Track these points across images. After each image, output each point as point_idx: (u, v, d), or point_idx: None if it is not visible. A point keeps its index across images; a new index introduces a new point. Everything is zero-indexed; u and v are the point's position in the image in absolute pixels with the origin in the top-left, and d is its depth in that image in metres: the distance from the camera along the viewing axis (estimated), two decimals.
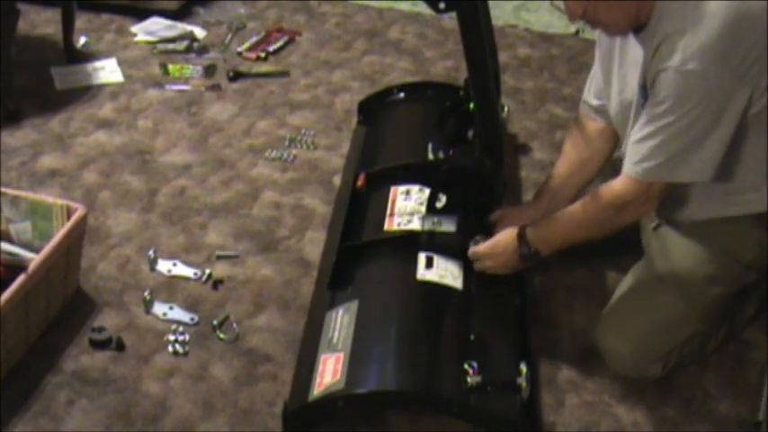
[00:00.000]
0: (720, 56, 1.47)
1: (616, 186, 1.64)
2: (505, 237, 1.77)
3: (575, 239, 1.76)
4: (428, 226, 1.88)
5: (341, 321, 1.68)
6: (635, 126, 1.61)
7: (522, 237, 1.74)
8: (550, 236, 1.75)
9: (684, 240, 1.76)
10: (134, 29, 3.09)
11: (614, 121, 1.81)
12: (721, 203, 1.69)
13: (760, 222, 1.70)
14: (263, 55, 2.98)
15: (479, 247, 1.80)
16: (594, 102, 1.87)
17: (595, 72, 1.85)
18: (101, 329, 1.83)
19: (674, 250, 1.77)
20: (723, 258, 1.72)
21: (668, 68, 1.50)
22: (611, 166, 2.01)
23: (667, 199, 1.69)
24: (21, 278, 1.66)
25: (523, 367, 1.61)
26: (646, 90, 1.59)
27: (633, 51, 1.64)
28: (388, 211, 1.94)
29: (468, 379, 1.56)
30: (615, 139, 1.89)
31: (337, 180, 2.34)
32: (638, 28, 1.58)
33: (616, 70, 1.72)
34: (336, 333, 1.66)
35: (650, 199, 1.63)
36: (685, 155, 1.55)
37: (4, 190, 1.87)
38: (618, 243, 2.04)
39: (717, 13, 1.48)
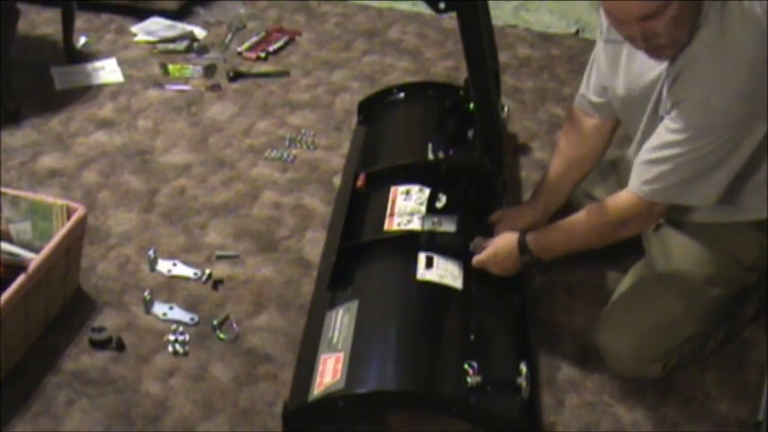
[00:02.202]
0: (746, 93, 1.45)
1: (620, 202, 1.64)
2: (506, 244, 1.77)
3: (574, 249, 1.77)
4: (428, 226, 1.88)
5: (341, 321, 1.68)
6: (645, 143, 1.60)
7: (522, 245, 1.75)
8: (551, 245, 1.75)
9: (685, 241, 1.76)
10: (134, 29, 3.09)
11: (619, 115, 1.79)
12: (723, 212, 1.68)
13: (760, 225, 1.70)
14: (263, 55, 2.99)
15: (482, 256, 1.80)
16: (594, 98, 1.84)
17: (597, 68, 1.80)
18: (101, 329, 1.83)
19: (674, 251, 1.77)
20: (724, 260, 1.72)
21: (691, 100, 1.48)
22: (611, 165, 2.01)
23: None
24: (21, 278, 1.66)
25: (523, 367, 1.61)
26: (659, 104, 1.58)
27: (642, 54, 1.62)
28: (388, 211, 1.94)
29: (468, 379, 1.56)
30: (611, 136, 1.88)
31: (337, 180, 2.34)
32: None
33: (623, 69, 1.69)
34: (336, 333, 1.66)
35: (652, 216, 1.64)
36: (695, 181, 1.55)
37: (4, 190, 1.87)
38: (618, 243, 2.04)
39: (746, 49, 1.44)
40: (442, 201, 1.92)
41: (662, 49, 1.49)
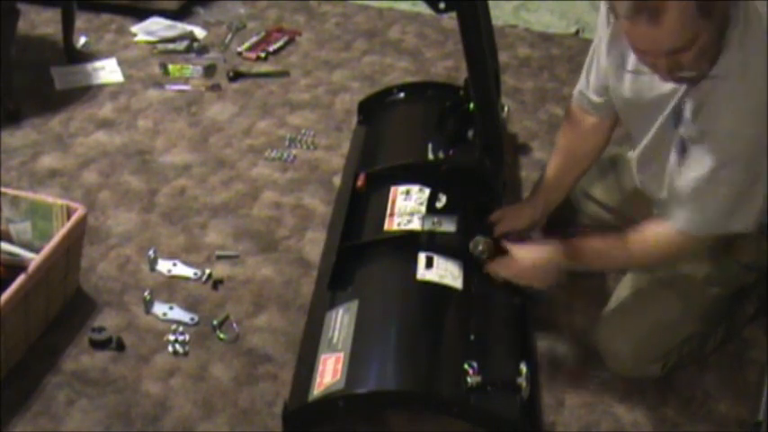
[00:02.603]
0: None
1: (664, 239, 1.59)
2: (545, 255, 1.71)
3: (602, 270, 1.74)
4: (428, 226, 1.88)
5: (341, 321, 1.68)
6: (679, 179, 1.55)
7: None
8: (588, 265, 1.71)
9: None
10: (134, 29, 3.10)
11: (622, 116, 1.76)
12: None
13: (759, 226, 1.69)
14: (263, 55, 2.99)
15: (510, 269, 1.73)
16: (595, 98, 1.80)
17: (597, 67, 1.76)
18: (101, 329, 1.83)
19: None
20: (722, 259, 1.72)
21: (720, 130, 1.45)
22: (610, 163, 2.00)
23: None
24: (21, 278, 1.66)
25: (523, 367, 1.61)
26: (679, 122, 1.54)
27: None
28: (388, 211, 1.94)
29: (468, 379, 1.56)
30: (610, 133, 1.85)
31: (337, 180, 2.34)
32: None
33: (630, 76, 1.65)
34: (336, 333, 1.66)
35: (696, 247, 1.62)
36: (737, 208, 1.52)
37: (4, 190, 1.87)
38: None
39: (764, 70, 1.40)
40: (442, 201, 1.92)
41: (685, 78, 1.46)
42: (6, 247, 1.79)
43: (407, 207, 1.93)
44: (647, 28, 1.32)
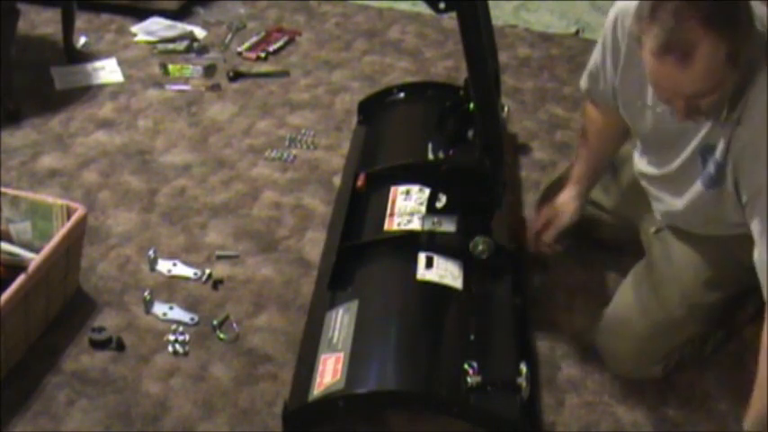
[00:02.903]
0: None
1: None
2: None
3: None
4: (428, 226, 1.88)
5: (341, 321, 1.68)
6: (759, 250, 1.50)
7: None
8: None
9: (686, 243, 1.75)
10: (134, 29, 3.10)
11: (642, 141, 1.73)
12: (728, 227, 1.65)
13: None
14: (263, 55, 2.99)
15: None
16: (610, 100, 1.75)
17: (604, 83, 1.72)
18: (101, 329, 1.83)
19: (675, 253, 1.76)
20: (725, 261, 1.72)
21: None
22: (611, 167, 2.00)
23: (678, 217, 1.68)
24: (21, 278, 1.66)
25: (523, 367, 1.61)
26: (707, 155, 1.52)
27: None
28: (388, 211, 1.94)
29: (468, 379, 1.56)
30: None
31: (337, 180, 2.34)
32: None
33: (649, 111, 1.62)
34: (336, 333, 1.66)
35: None
36: None
37: (4, 190, 1.87)
38: (617, 245, 2.04)
39: None
40: (442, 201, 1.92)
41: (701, 119, 1.44)
42: (6, 247, 1.79)
43: (407, 207, 1.93)
44: (674, 69, 1.29)
